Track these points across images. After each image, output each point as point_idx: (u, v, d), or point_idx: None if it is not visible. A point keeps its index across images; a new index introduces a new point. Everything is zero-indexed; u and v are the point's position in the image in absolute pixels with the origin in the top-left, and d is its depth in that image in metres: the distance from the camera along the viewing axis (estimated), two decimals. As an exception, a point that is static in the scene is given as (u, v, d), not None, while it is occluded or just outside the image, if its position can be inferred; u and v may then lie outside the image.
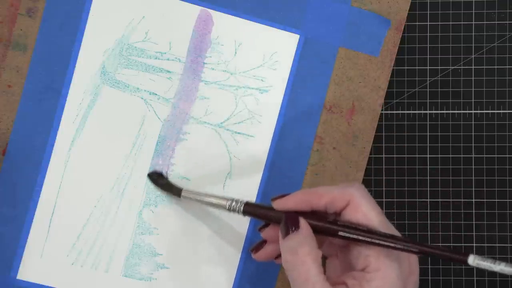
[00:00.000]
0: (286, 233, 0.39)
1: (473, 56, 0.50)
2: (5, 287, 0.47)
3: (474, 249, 0.50)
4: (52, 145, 0.47)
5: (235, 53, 0.48)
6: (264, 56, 0.48)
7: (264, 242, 0.43)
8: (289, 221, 0.39)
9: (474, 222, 0.50)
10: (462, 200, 0.50)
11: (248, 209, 0.42)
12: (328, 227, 0.39)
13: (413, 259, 0.40)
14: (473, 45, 0.51)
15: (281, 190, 0.48)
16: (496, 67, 0.50)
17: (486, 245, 0.50)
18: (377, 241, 0.37)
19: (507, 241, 0.50)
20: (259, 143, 0.48)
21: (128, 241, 0.48)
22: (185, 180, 0.48)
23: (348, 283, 0.38)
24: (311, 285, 0.37)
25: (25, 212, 0.47)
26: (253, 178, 0.48)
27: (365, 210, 0.38)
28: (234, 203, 0.42)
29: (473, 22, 0.50)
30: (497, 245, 0.50)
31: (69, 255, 0.48)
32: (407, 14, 0.49)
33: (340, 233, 0.38)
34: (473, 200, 0.50)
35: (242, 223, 0.48)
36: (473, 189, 0.50)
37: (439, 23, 0.50)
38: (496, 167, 0.50)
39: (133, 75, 0.48)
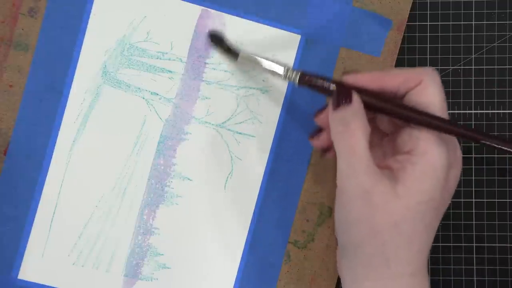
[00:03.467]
0: (338, 105, 0.38)
1: (473, 56, 0.51)
2: (6, 287, 0.47)
3: (474, 249, 0.50)
4: (54, 145, 0.47)
5: (237, 53, 0.48)
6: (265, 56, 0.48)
7: (320, 130, 0.43)
8: (342, 93, 0.38)
9: (474, 222, 0.50)
10: (462, 200, 0.50)
11: (304, 78, 0.41)
12: (383, 103, 0.39)
13: (459, 153, 0.40)
14: (473, 45, 0.51)
15: (282, 190, 0.48)
16: (496, 67, 0.51)
17: (486, 245, 0.50)
18: (432, 122, 0.37)
19: (507, 241, 0.50)
20: (260, 143, 0.48)
21: (129, 241, 0.48)
22: (186, 180, 0.48)
23: (392, 166, 0.38)
24: (358, 158, 0.37)
25: (26, 212, 0.47)
26: (254, 178, 0.48)
27: (431, 92, 0.38)
28: (289, 72, 0.42)
29: (473, 22, 0.51)
30: (497, 245, 0.50)
31: (70, 255, 0.48)
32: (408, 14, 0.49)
33: (397, 110, 0.38)
34: (473, 200, 0.50)
35: (244, 222, 0.48)
36: (473, 189, 0.50)
37: (439, 23, 0.50)
38: (496, 167, 0.50)
39: (134, 75, 0.48)
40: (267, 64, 0.43)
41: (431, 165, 0.37)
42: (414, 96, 0.38)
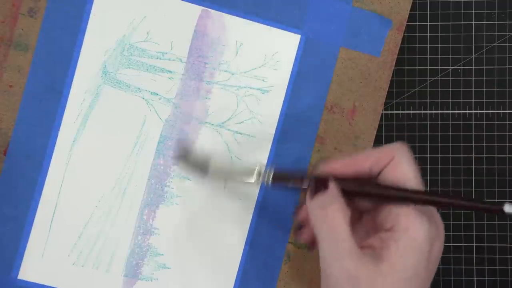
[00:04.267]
0: (315, 194, 0.39)
1: (473, 56, 0.51)
2: (6, 287, 0.47)
3: (474, 249, 0.50)
4: (53, 145, 0.47)
5: (237, 53, 0.48)
6: (265, 56, 0.48)
7: (302, 225, 0.43)
8: (317, 182, 0.39)
9: (474, 222, 0.50)
10: (462, 200, 0.50)
11: (276, 178, 0.42)
12: (358, 186, 0.39)
13: (440, 224, 0.40)
14: (473, 45, 0.51)
15: (283, 190, 0.48)
16: (496, 67, 0.51)
17: (486, 245, 0.50)
18: (410, 196, 0.37)
19: (507, 241, 0.50)
20: (260, 143, 0.48)
21: (129, 241, 0.48)
22: (186, 180, 0.48)
23: (375, 245, 0.38)
24: (340, 243, 0.37)
25: (26, 212, 0.47)
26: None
27: (404, 168, 0.38)
28: (261, 177, 0.42)
29: (473, 22, 0.51)
30: (497, 245, 0.50)
31: (70, 255, 0.48)
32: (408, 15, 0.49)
33: (373, 191, 0.38)
34: (473, 200, 0.50)
35: (243, 223, 0.48)
36: (473, 189, 0.50)
37: (439, 23, 0.50)
38: (496, 167, 0.50)
39: (134, 75, 0.48)
40: (238, 175, 0.43)
41: (414, 240, 0.37)
42: (388, 173, 0.39)
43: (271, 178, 0.42)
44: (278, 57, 0.48)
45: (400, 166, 0.38)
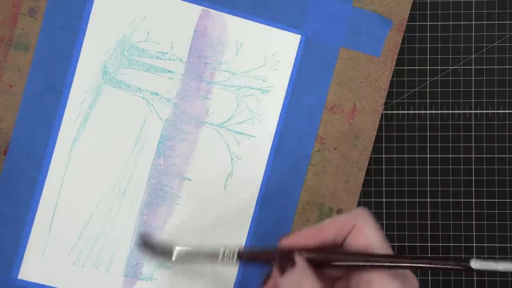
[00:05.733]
0: (283, 271, 0.38)
1: (473, 56, 0.51)
2: (6, 287, 0.47)
3: (474, 249, 0.50)
4: (54, 145, 0.47)
5: (237, 53, 0.48)
6: (266, 56, 0.48)
7: None
8: (284, 258, 0.38)
9: (474, 222, 0.50)
10: (462, 200, 0.50)
11: (242, 255, 0.41)
12: (325, 257, 0.39)
13: (414, 280, 0.40)
14: (473, 45, 0.51)
15: (283, 190, 0.48)
16: (496, 67, 0.51)
17: (486, 245, 0.50)
18: (377, 264, 0.37)
19: (507, 241, 0.50)
20: (260, 143, 0.48)
21: (129, 241, 0.48)
22: (186, 180, 0.48)
23: None
24: None
25: (26, 212, 0.47)
26: (254, 178, 0.48)
27: (368, 233, 0.38)
28: (226, 257, 0.41)
29: (473, 22, 0.51)
30: (497, 245, 0.50)
31: (70, 255, 0.48)
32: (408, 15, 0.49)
33: (339, 263, 0.38)
34: (473, 200, 0.50)
35: (244, 222, 0.48)
36: (473, 189, 0.50)
37: (439, 23, 0.50)
38: (496, 167, 0.50)
39: (134, 75, 0.48)
40: (203, 258, 0.42)
41: None
42: (351, 241, 0.38)
43: (235, 257, 0.41)
44: (278, 57, 0.48)
45: (363, 232, 0.38)
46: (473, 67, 0.51)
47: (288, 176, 0.49)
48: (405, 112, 0.51)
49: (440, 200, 0.50)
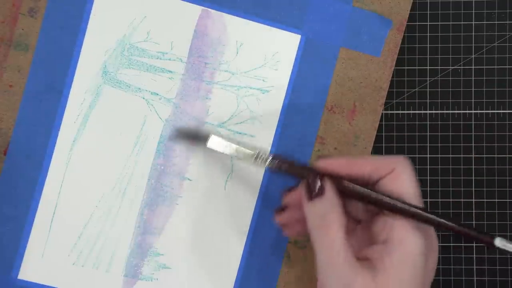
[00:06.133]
0: (311, 196, 0.38)
1: (473, 56, 0.51)
2: (6, 287, 0.47)
3: (474, 249, 0.50)
4: (54, 145, 0.47)
5: (237, 53, 0.48)
6: (266, 56, 0.48)
7: (285, 207, 0.43)
8: (314, 180, 0.39)
9: (474, 222, 0.50)
10: (462, 200, 0.50)
11: (275, 162, 0.41)
12: (358, 191, 0.39)
13: (435, 237, 0.40)
14: (473, 45, 0.51)
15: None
16: (496, 67, 0.51)
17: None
18: (407, 209, 0.37)
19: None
20: (260, 143, 0.48)
21: (129, 241, 0.48)
22: (186, 180, 0.48)
23: (370, 256, 0.38)
24: (336, 252, 0.37)
25: (26, 212, 0.47)
26: (254, 178, 0.48)
27: (404, 181, 0.38)
28: (260, 156, 0.42)
29: (473, 22, 0.51)
30: (497, 245, 0.50)
31: (70, 255, 0.48)
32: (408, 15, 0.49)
33: (371, 195, 0.38)
34: (473, 200, 0.50)
35: (244, 222, 0.48)
36: (473, 189, 0.50)
37: (439, 23, 0.50)
38: (496, 167, 0.50)
39: (134, 75, 0.48)
40: (235, 151, 0.43)
41: (408, 254, 0.37)
42: (386, 184, 0.38)
43: (267, 162, 0.41)
44: (278, 57, 0.48)
45: (401, 179, 0.38)
46: (473, 67, 0.51)
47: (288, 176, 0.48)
48: (405, 112, 0.51)
49: (440, 200, 0.50)
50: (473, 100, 0.51)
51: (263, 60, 0.48)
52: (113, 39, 0.48)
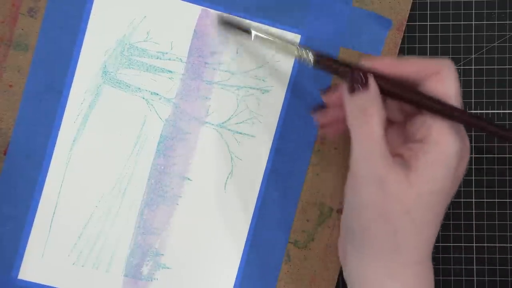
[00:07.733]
0: (353, 90, 0.38)
1: (473, 56, 0.51)
2: (6, 287, 0.47)
3: (474, 249, 0.50)
4: (53, 145, 0.47)
5: (237, 53, 0.48)
6: (266, 56, 0.48)
7: (323, 106, 0.43)
8: (359, 77, 0.38)
9: (474, 222, 0.50)
10: (462, 200, 0.50)
11: (319, 59, 0.41)
12: (400, 89, 0.39)
13: (468, 144, 0.40)
14: (473, 45, 0.51)
15: (283, 190, 0.48)
16: (496, 67, 0.51)
17: (486, 245, 0.50)
18: (450, 111, 0.37)
19: (507, 241, 0.50)
20: (260, 143, 0.48)
21: (129, 241, 0.48)
22: (186, 180, 0.48)
23: (404, 154, 0.38)
24: (373, 145, 0.37)
25: (26, 212, 0.47)
26: (254, 178, 0.48)
27: (448, 84, 0.38)
28: (304, 52, 0.42)
29: (473, 22, 0.51)
30: (497, 245, 0.50)
31: (70, 255, 0.48)
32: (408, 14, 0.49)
33: (414, 95, 0.38)
34: (473, 200, 0.50)
35: (244, 222, 0.48)
36: (473, 189, 0.50)
37: (439, 23, 0.50)
38: (496, 167, 0.50)
39: (134, 75, 0.48)
40: (280, 43, 0.43)
41: (443, 154, 0.37)
42: (430, 86, 0.38)
43: (312, 58, 0.41)
44: (278, 57, 0.48)
45: (445, 82, 0.38)
46: (473, 67, 0.51)
47: (288, 175, 0.49)
48: (405, 112, 0.51)
49: (440, 200, 0.50)
50: (473, 100, 0.50)
51: (263, 60, 0.48)
52: (113, 39, 0.48)
